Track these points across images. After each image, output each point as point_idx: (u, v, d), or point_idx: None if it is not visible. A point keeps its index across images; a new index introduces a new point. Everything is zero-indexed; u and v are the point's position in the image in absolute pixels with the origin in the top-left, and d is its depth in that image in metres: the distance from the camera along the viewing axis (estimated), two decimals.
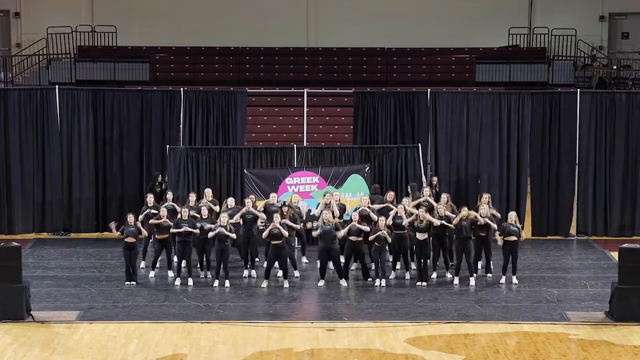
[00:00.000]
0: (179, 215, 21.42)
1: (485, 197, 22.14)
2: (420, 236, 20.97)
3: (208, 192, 22.60)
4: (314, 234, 21.44)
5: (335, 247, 20.93)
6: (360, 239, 20.97)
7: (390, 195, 22.43)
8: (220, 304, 19.74)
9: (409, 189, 23.05)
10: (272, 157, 24.54)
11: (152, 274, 21.61)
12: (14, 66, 34.42)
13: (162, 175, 24.46)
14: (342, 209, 22.20)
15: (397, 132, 25.40)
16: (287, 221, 21.21)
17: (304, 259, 22.71)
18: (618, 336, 17.98)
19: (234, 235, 20.93)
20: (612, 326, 18.51)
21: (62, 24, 34.94)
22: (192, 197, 22.39)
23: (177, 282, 21.11)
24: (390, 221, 21.09)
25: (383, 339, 17.72)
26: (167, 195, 22.64)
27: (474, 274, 21.23)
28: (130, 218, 21.10)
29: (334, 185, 23.80)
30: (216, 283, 20.93)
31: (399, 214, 21.21)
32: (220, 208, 22.16)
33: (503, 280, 21.16)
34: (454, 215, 21.23)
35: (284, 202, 21.96)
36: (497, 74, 34.17)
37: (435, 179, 24.21)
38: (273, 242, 20.69)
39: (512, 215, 21.29)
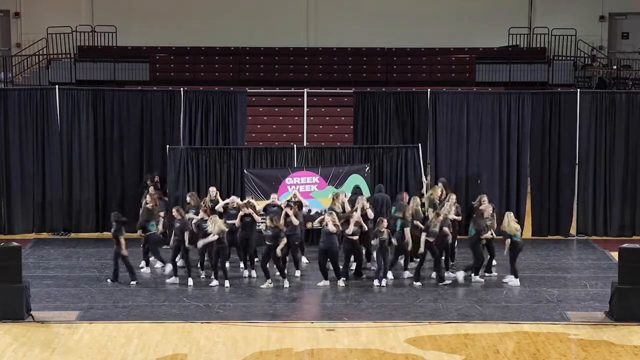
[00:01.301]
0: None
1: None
2: (430, 238, 20.96)
3: (212, 190, 22.66)
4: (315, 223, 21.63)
5: (334, 248, 20.94)
6: (356, 238, 21.07)
7: (405, 196, 22.49)
8: (220, 304, 19.74)
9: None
10: (272, 157, 24.54)
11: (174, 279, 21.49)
12: (14, 66, 34.43)
13: (151, 177, 24.34)
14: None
15: (397, 132, 25.40)
16: (290, 212, 21.29)
17: (304, 259, 22.70)
18: (618, 336, 17.98)
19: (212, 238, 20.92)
20: (612, 326, 18.51)
21: (62, 24, 34.96)
22: (191, 197, 22.43)
23: (176, 281, 21.11)
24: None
25: (383, 339, 17.72)
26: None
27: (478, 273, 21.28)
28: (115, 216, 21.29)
29: (334, 185, 23.81)
30: (214, 282, 20.92)
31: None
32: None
33: (506, 279, 21.20)
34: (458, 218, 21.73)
35: (289, 202, 22.00)
36: (497, 74, 34.18)
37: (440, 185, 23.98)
38: (267, 243, 20.76)
39: (506, 220, 21.21)
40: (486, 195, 22.36)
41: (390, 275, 21.41)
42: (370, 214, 21.71)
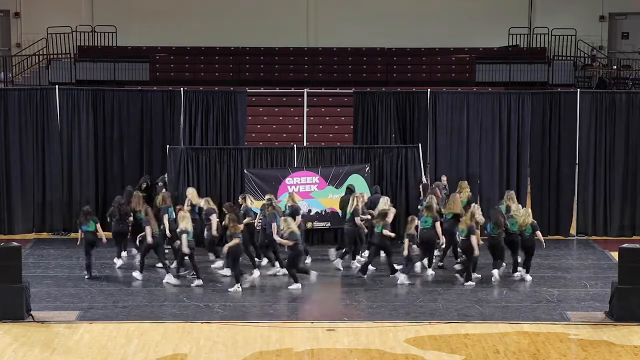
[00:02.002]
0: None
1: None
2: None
3: (190, 192, 22.76)
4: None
5: (290, 252, 20.83)
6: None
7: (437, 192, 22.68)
8: (220, 304, 19.74)
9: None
10: (272, 157, 24.54)
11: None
12: (14, 66, 34.44)
13: (144, 180, 24.37)
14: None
15: (397, 132, 25.39)
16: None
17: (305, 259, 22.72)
18: (618, 336, 17.98)
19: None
20: (612, 326, 18.51)
21: (62, 24, 34.97)
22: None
23: (139, 277, 21.17)
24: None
25: (383, 339, 17.72)
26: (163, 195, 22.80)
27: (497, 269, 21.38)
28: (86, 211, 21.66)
29: (334, 185, 23.82)
30: (198, 282, 20.91)
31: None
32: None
33: (523, 275, 21.35)
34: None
35: (271, 200, 21.99)
36: (497, 74, 34.19)
37: (444, 178, 24.35)
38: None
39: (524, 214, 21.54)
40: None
41: (431, 271, 21.58)
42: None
